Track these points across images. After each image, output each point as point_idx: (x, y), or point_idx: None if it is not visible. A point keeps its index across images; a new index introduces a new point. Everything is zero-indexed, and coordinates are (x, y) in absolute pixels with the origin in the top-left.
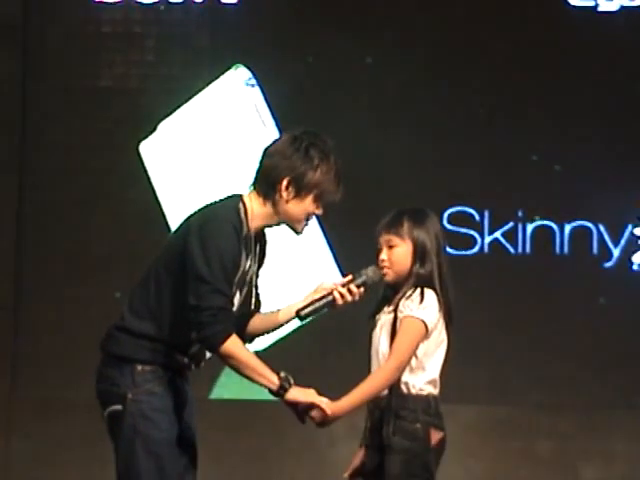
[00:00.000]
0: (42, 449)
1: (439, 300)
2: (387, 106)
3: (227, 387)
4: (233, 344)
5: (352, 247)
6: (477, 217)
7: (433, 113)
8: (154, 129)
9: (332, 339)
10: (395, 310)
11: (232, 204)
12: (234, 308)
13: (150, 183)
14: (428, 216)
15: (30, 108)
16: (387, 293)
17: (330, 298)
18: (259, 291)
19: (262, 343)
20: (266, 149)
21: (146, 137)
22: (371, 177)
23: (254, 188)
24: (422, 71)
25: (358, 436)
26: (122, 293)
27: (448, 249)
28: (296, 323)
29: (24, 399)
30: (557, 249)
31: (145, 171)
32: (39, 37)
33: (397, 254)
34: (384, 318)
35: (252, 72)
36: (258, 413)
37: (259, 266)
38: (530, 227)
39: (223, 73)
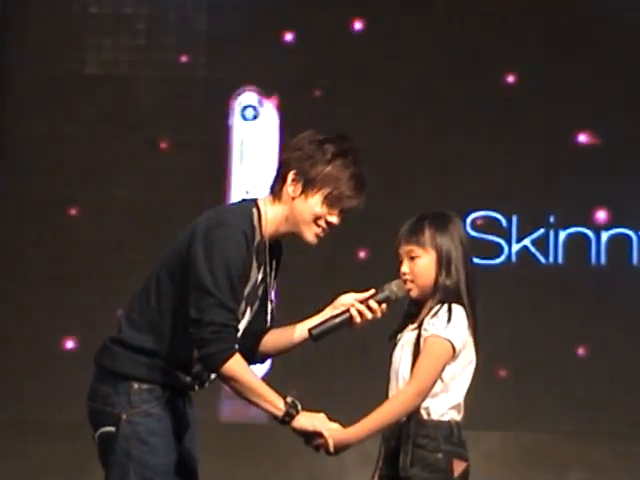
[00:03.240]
0: (19, 475)
1: (468, 316)
2: (400, 98)
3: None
4: (236, 365)
5: (373, 251)
6: (504, 223)
7: (452, 104)
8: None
9: (341, 358)
10: (419, 327)
11: (245, 208)
12: (243, 324)
13: (142, 180)
14: (451, 220)
15: (8, 97)
16: (411, 309)
17: (347, 315)
18: (273, 306)
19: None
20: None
21: (136, 130)
22: (382, 178)
23: (270, 189)
24: (440, 59)
25: (370, 466)
26: (109, 302)
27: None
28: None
29: None
30: (593, 259)
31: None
32: (18, 19)
33: (420, 266)
34: (407, 336)
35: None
36: (258, 437)
37: (274, 278)
38: (563, 234)
39: (221, 58)
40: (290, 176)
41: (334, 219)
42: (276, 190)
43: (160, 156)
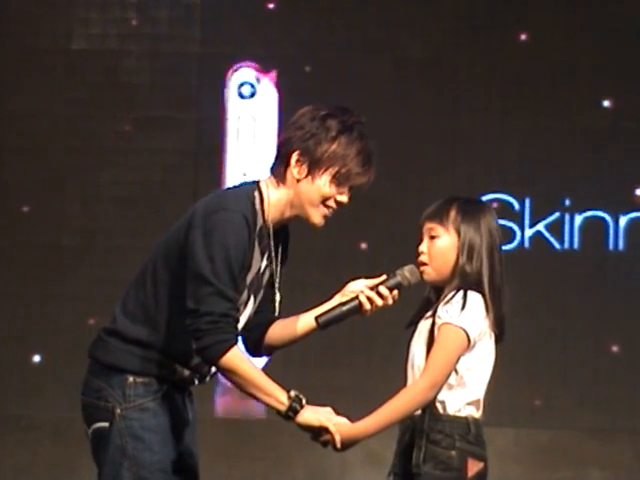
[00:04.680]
0: (2, 476)
1: (487, 306)
2: (408, 73)
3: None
4: (235, 357)
5: (377, 238)
6: (516, 206)
7: (461, 81)
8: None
9: (344, 348)
10: (434, 316)
11: (245, 192)
12: (247, 314)
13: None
14: (482, 208)
15: None
16: (430, 296)
17: (356, 302)
18: (278, 295)
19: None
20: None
21: (125, 108)
22: (386, 159)
23: (271, 170)
24: (450, 34)
25: (374, 463)
26: (98, 292)
27: None
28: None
29: None
30: (610, 244)
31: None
32: None
33: (438, 246)
34: (422, 325)
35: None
36: (257, 433)
37: (280, 266)
38: (579, 219)
39: (217, 32)
40: (294, 157)
41: (344, 198)
42: (279, 173)
43: (151, 136)
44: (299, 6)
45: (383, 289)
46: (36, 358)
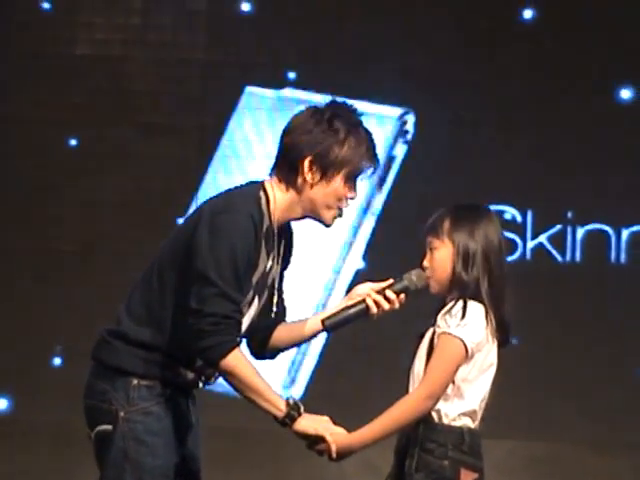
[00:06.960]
0: None
1: (487, 315)
2: (408, 75)
3: None
4: (236, 359)
5: (379, 250)
6: (519, 218)
7: (465, 89)
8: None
9: (344, 357)
10: (434, 324)
11: (252, 192)
12: (251, 315)
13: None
14: (478, 213)
15: None
16: (440, 305)
17: (363, 306)
18: (283, 296)
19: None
20: (286, 126)
21: (129, 114)
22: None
23: (275, 174)
24: (453, 40)
25: (371, 473)
26: (99, 296)
27: None
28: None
29: None
30: (612, 257)
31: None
32: None
33: (436, 258)
34: (428, 333)
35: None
36: (254, 442)
37: (284, 267)
38: (581, 231)
39: (222, 39)
40: (306, 164)
41: (354, 194)
42: (287, 177)
43: (155, 142)
44: (302, 13)
45: (390, 293)
46: (26, 365)
